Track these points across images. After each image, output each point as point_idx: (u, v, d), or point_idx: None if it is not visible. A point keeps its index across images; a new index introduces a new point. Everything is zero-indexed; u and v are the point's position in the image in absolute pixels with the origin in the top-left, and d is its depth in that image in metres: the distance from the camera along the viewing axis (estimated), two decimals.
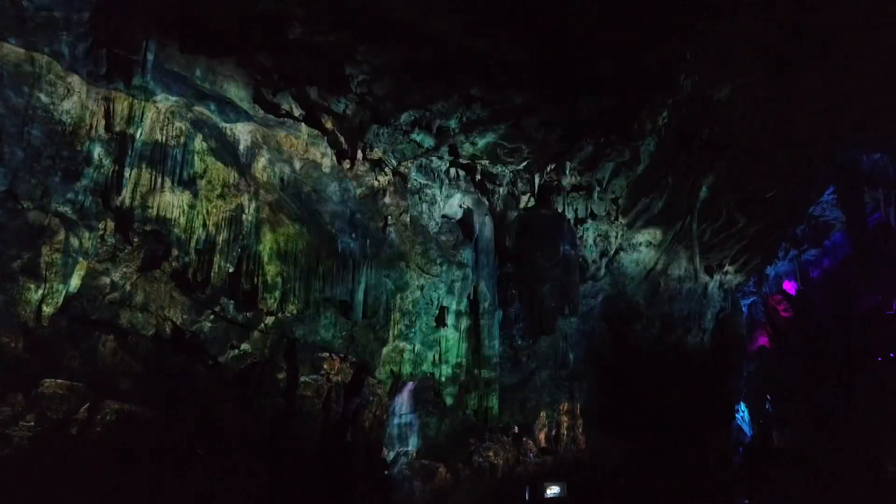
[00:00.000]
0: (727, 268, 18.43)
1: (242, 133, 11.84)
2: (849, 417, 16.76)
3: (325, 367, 11.99)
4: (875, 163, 19.02)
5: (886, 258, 19.09)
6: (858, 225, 19.28)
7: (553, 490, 13.94)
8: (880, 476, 14.33)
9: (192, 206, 10.98)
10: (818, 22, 10.96)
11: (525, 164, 13.62)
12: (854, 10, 10.99)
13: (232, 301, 11.35)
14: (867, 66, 12.43)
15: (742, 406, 21.79)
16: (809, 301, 21.63)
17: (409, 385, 13.86)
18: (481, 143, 12.75)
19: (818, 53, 11.83)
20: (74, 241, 9.78)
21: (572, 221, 15.11)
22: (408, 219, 13.89)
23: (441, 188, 14.40)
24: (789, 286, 22.53)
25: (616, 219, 15.76)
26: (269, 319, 11.74)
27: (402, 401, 13.79)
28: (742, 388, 21.13)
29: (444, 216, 14.83)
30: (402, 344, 13.69)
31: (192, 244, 10.94)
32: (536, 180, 14.24)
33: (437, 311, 14.37)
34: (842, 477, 14.57)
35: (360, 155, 12.91)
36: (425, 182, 14.23)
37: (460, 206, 14.93)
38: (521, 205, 15.03)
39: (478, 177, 14.28)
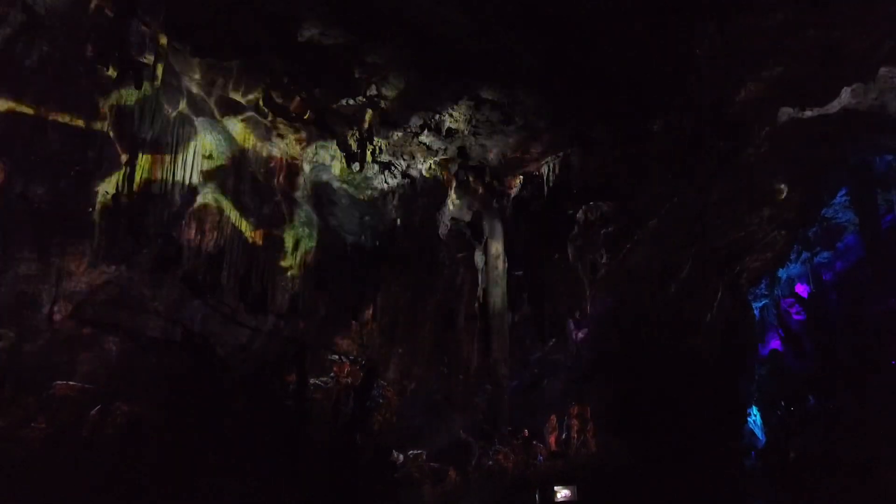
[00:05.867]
0: (737, 269, 18.27)
1: (252, 135, 11.85)
2: (863, 420, 16.56)
3: (335, 369, 11.99)
4: (888, 164, 18.87)
5: None
6: (871, 227, 19.12)
7: (564, 493, 13.81)
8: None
9: (201, 208, 11.01)
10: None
11: (535, 166, 13.56)
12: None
13: (242, 303, 11.37)
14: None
15: (754, 409, 21.59)
16: (822, 304, 21.41)
17: (420, 388, 13.81)
18: (491, 145, 12.71)
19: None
20: (86, 244, 9.81)
21: (582, 224, 15.02)
22: (417, 221, 13.86)
23: (450, 191, 14.36)
24: (801, 289, 22.31)
25: (626, 220, 15.66)
26: (279, 322, 11.75)
27: (412, 404, 13.74)
28: (754, 392, 20.96)
29: (453, 219, 14.77)
30: (411, 346, 13.65)
31: (203, 246, 10.97)
32: (546, 183, 14.17)
33: (448, 314, 14.32)
34: (856, 480, 14.41)
35: (369, 157, 12.90)
36: (434, 185, 14.19)
37: (470, 209, 14.88)
38: (531, 207, 14.95)
39: (487, 179, 14.23)
